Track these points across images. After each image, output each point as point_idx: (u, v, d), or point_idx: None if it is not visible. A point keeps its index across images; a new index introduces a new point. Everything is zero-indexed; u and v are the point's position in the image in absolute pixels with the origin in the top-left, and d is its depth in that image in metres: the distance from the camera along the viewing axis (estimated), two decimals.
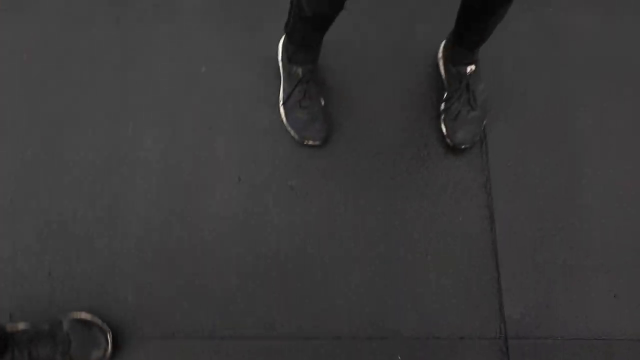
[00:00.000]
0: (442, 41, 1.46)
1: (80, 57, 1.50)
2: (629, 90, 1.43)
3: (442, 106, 1.42)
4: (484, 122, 1.41)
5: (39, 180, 1.39)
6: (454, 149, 1.42)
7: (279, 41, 1.45)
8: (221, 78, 1.48)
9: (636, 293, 1.30)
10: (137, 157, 1.42)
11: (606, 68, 1.45)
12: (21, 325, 1.18)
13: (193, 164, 1.42)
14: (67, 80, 1.48)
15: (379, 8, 1.55)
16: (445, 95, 1.43)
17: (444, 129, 1.41)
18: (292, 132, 1.41)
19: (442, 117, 1.41)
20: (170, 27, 1.52)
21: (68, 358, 1.16)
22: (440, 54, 1.46)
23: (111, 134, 1.44)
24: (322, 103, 1.42)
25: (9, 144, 1.41)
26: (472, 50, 1.33)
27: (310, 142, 1.40)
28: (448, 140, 1.40)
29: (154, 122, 1.45)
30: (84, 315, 1.21)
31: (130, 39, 1.52)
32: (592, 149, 1.40)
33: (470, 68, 1.36)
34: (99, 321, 1.21)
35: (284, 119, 1.42)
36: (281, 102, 1.41)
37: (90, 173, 1.40)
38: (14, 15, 1.52)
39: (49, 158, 1.41)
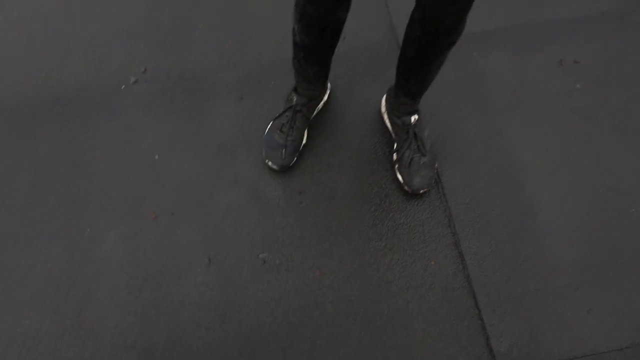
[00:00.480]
0: (380, 98, 1.54)
1: (27, 166, 1.46)
2: (553, 115, 1.55)
3: (395, 156, 1.48)
4: (436, 165, 1.47)
5: None
6: (413, 195, 1.46)
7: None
8: (175, 164, 1.48)
9: (607, 304, 1.35)
10: (99, 258, 1.38)
11: (527, 100, 1.57)
12: None
13: (159, 254, 1.39)
14: (16, 192, 1.43)
15: None
16: (395, 146, 1.49)
17: (400, 178, 1.46)
18: (263, 148, 1.48)
19: (396, 166, 1.47)
20: (116, 124, 1.52)
21: None
22: (383, 109, 1.54)
23: (69, 239, 1.39)
24: (304, 140, 1.50)
25: None
26: (415, 99, 1.40)
27: (269, 164, 1.46)
28: (406, 188, 1.45)
29: (113, 218, 1.42)
30: None
31: (77, 141, 1.50)
32: (535, 174, 1.49)
33: (414, 117, 1.44)
34: None
35: (265, 133, 1.49)
36: (273, 118, 1.49)
37: (51, 283, 1.34)
38: None
39: (4, 274, 1.34)
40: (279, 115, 1.47)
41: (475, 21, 1.66)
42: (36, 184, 1.44)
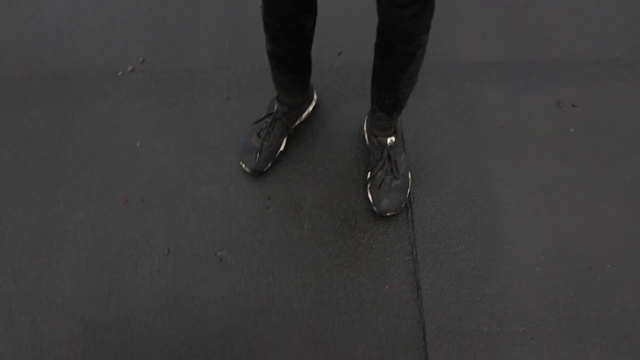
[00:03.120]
0: (365, 116, 1.54)
1: (15, 137, 1.54)
2: (539, 157, 1.49)
3: (368, 175, 1.47)
4: (408, 190, 1.45)
5: None
6: (381, 217, 1.45)
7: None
8: (155, 153, 1.53)
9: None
10: (66, 230, 1.44)
11: (516, 138, 1.52)
12: None
13: (123, 237, 1.43)
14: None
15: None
16: (369, 165, 1.48)
17: (370, 197, 1.45)
18: (238, 149, 1.51)
19: (368, 185, 1.46)
20: (107, 107, 1.59)
21: None
22: (365, 127, 1.53)
23: (42, 210, 1.46)
24: (282, 147, 1.51)
25: None
26: (391, 115, 1.38)
27: (243, 166, 1.49)
28: (374, 208, 1.43)
29: (87, 196, 1.48)
30: None
31: (67, 118, 1.57)
32: (511, 214, 1.44)
33: (390, 139, 1.42)
34: None
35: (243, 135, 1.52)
36: (253, 122, 1.52)
37: (18, 248, 1.40)
38: None
39: None
40: (259, 120, 1.49)
41: (474, 51, 1.65)
42: (20, 155, 1.52)
